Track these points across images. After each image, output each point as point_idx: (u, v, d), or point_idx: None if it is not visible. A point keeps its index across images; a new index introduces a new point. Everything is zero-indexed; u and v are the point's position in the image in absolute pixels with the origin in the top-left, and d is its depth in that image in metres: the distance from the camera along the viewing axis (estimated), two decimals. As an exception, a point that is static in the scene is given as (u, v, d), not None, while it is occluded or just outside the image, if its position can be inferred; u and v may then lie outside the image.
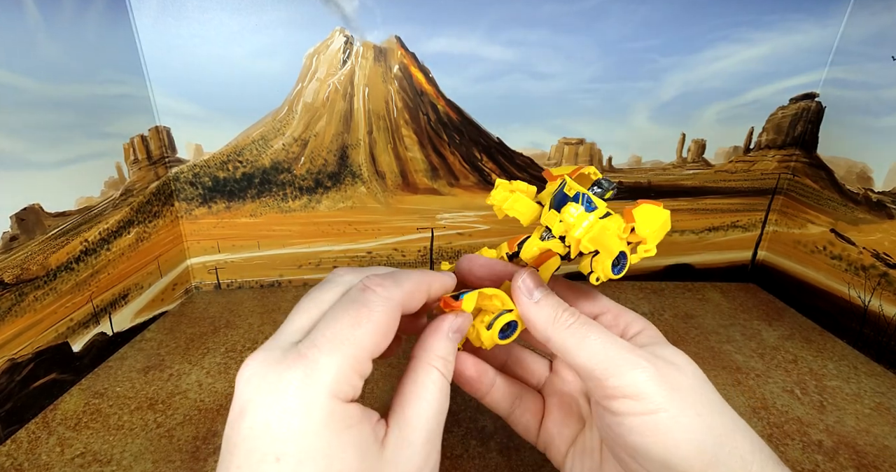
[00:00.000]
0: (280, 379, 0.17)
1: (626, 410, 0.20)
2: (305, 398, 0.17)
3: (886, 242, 0.45)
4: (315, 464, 0.16)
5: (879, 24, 0.46)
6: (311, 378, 0.17)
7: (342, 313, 0.19)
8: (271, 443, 0.16)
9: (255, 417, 0.17)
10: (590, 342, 0.21)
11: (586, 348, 0.21)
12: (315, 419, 0.17)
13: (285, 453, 0.16)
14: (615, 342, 0.21)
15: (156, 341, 0.48)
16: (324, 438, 0.16)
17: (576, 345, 0.21)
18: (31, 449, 0.35)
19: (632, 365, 0.20)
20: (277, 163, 0.53)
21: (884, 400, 0.41)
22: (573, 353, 0.21)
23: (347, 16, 0.48)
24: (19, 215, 0.36)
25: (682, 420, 0.19)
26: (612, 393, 0.20)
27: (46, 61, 0.38)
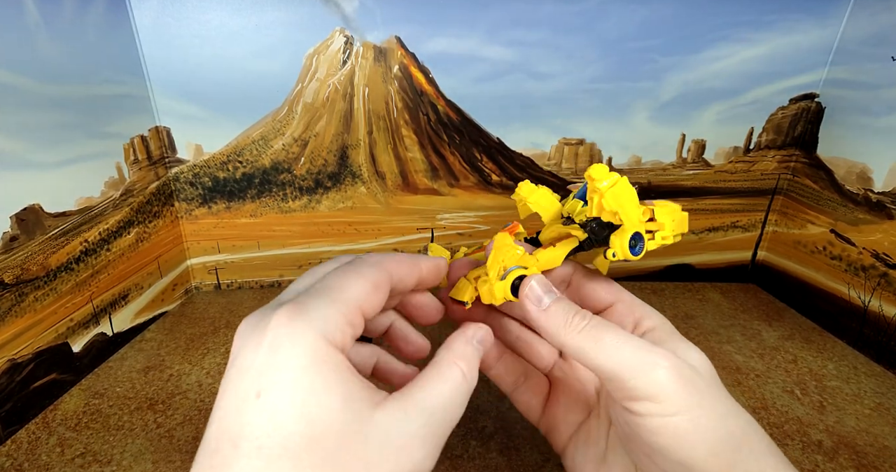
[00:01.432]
0: (268, 321, 0.17)
1: (646, 411, 0.20)
2: (291, 335, 0.16)
3: (886, 242, 0.45)
4: (294, 398, 0.16)
5: (879, 25, 0.46)
6: (299, 317, 0.17)
7: (333, 275, 0.20)
8: (254, 378, 0.16)
9: (241, 359, 0.17)
10: (605, 345, 0.20)
11: (603, 351, 0.20)
12: (299, 355, 0.16)
13: (265, 388, 0.16)
14: (632, 342, 0.21)
15: (156, 341, 0.48)
16: (307, 374, 0.16)
17: (592, 348, 0.21)
18: (32, 449, 0.35)
19: (651, 366, 0.20)
20: (277, 163, 0.53)
21: (884, 400, 0.41)
22: (590, 356, 0.21)
23: (347, 16, 0.48)
24: (19, 215, 0.36)
25: (702, 422, 0.19)
26: (633, 395, 0.20)
27: (46, 61, 0.38)
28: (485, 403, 0.39)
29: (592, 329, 0.21)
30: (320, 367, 0.16)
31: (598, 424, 0.25)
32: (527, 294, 0.23)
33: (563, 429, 0.26)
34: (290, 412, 0.16)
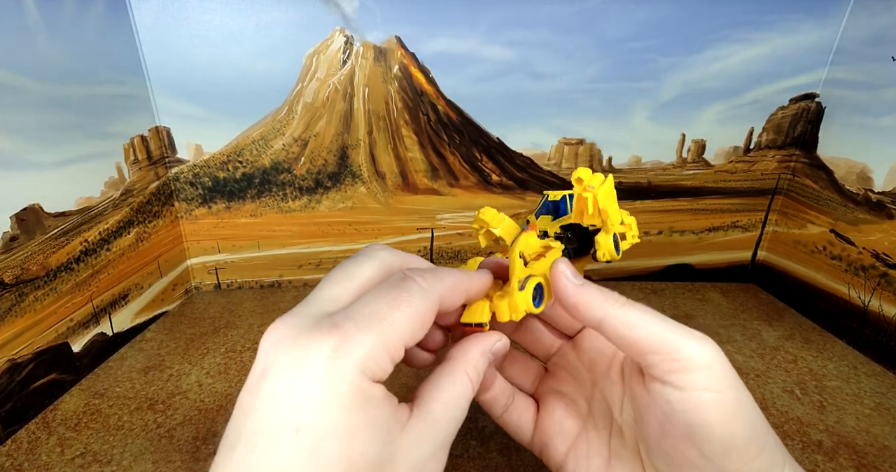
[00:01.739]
0: (310, 346, 0.16)
1: (696, 383, 0.19)
2: (334, 370, 0.16)
3: (886, 242, 0.45)
4: (336, 441, 0.15)
5: (879, 25, 0.46)
6: (343, 351, 0.16)
7: (383, 295, 0.18)
8: (292, 412, 0.15)
9: (277, 381, 0.16)
10: (648, 317, 0.20)
11: (648, 324, 0.20)
12: (341, 394, 0.16)
13: (306, 424, 0.15)
14: (671, 321, 0.20)
15: (156, 341, 0.48)
16: (348, 414, 0.16)
17: (636, 319, 0.20)
18: (32, 449, 0.35)
19: (697, 339, 0.19)
20: (277, 163, 0.53)
21: (884, 400, 0.41)
22: (635, 328, 0.20)
23: (347, 16, 0.48)
24: (19, 215, 0.36)
25: (745, 403, 0.19)
26: (683, 366, 0.19)
27: (46, 61, 0.38)
28: (485, 403, 0.39)
29: (633, 305, 0.21)
30: (361, 404, 0.16)
31: (597, 434, 0.25)
32: (562, 271, 0.22)
33: (557, 443, 0.25)
34: (330, 454, 0.15)
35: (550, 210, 0.28)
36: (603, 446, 0.24)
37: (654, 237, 0.59)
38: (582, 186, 0.24)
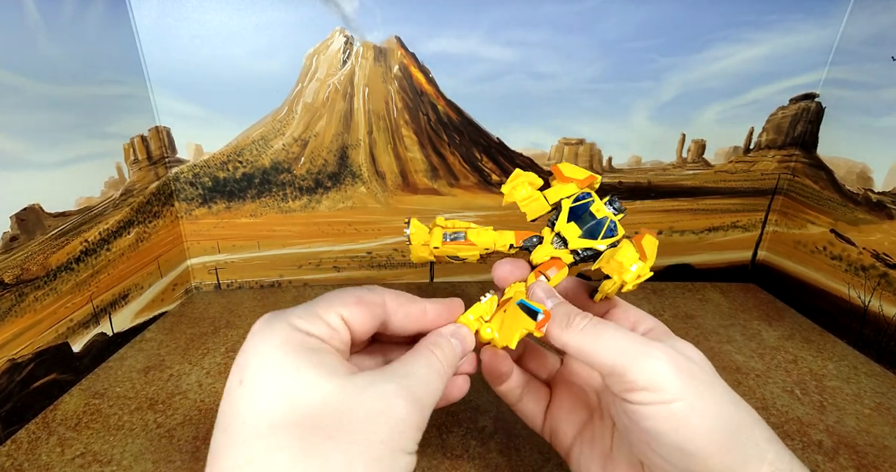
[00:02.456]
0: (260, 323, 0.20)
1: (644, 400, 0.20)
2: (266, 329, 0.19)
3: (886, 242, 0.45)
4: (270, 380, 0.17)
5: (879, 25, 0.46)
6: (274, 317, 0.20)
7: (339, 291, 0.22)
8: (237, 371, 0.18)
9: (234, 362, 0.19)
10: (605, 341, 0.21)
11: (602, 347, 0.21)
12: (273, 343, 0.18)
13: (245, 376, 0.18)
14: (628, 337, 0.22)
15: (156, 341, 0.48)
16: (280, 358, 0.18)
17: (591, 345, 0.22)
18: (32, 449, 0.35)
19: (648, 357, 0.21)
20: (277, 163, 0.53)
21: (884, 400, 0.41)
22: (590, 354, 0.22)
23: (347, 16, 0.48)
24: (19, 215, 0.36)
25: (698, 407, 0.20)
26: (632, 386, 0.20)
27: (46, 61, 0.38)
28: (485, 403, 0.39)
29: (592, 328, 0.22)
30: (292, 350, 0.18)
31: (601, 424, 0.26)
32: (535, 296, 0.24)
33: (565, 430, 0.27)
34: (268, 392, 0.17)
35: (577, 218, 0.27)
36: (606, 435, 0.26)
37: (654, 237, 0.59)
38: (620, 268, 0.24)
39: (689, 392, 0.20)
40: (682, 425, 0.20)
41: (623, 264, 0.24)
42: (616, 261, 0.24)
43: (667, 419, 0.20)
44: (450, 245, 0.27)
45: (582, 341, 0.22)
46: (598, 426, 0.26)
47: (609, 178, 0.56)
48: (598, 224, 0.26)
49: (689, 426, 0.20)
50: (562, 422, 0.28)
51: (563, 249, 0.27)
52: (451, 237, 0.27)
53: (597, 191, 0.28)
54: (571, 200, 0.27)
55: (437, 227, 0.28)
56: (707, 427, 0.20)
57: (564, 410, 0.28)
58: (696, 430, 0.20)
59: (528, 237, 0.28)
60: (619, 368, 0.21)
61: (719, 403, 0.20)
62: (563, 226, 0.27)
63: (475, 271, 0.60)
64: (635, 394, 0.20)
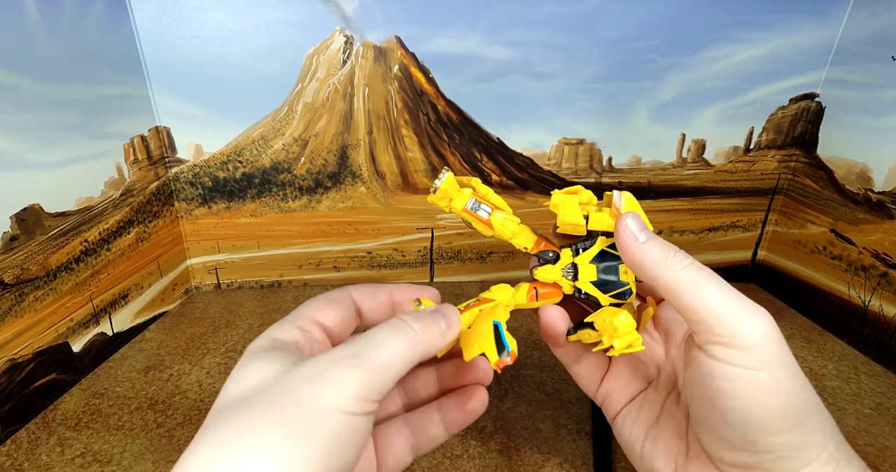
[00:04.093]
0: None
1: (731, 359, 0.19)
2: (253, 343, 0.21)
3: (886, 242, 0.45)
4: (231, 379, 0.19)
5: (879, 25, 0.46)
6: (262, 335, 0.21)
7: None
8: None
9: None
10: (707, 287, 0.20)
11: (704, 292, 0.20)
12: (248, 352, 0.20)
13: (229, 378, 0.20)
14: (733, 292, 0.21)
15: (156, 341, 0.48)
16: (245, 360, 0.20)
17: (689, 286, 0.20)
18: (32, 449, 0.35)
19: (752, 316, 0.20)
20: (277, 163, 0.53)
21: (884, 400, 0.41)
22: (686, 294, 0.21)
23: (347, 16, 0.48)
24: (19, 215, 0.36)
25: (782, 383, 0.19)
26: (724, 341, 0.20)
27: (46, 61, 0.38)
28: (485, 403, 0.39)
29: (696, 270, 0.21)
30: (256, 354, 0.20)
31: (655, 393, 0.26)
32: (623, 229, 0.23)
33: (620, 398, 0.27)
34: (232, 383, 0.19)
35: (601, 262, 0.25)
36: (657, 404, 0.26)
37: (654, 237, 0.59)
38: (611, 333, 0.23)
39: (778, 364, 0.19)
40: (761, 394, 0.19)
41: (618, 329, 0.23)
42: (611, 323, 0.23)
43: (748, 385, 0.19)
44: (468, 214, 0.25)
45: (680, 278, 0.21)
46: (650, 394, 0.26)
47: (609, 178, 0.56)
48: (616, 284, 0.25)
49: (767, 398, 0.19)
50: (617, 391, 0.28)
51: (568, 279, 0.26)
52: (474, 207, 0.25)
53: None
54: (609, 242, 0.25)
55: (468, 187, 0.25)
56: (784, 404, 0.19)
57: (623, 380, 0.28)
58: (773, 405, 0.19)
59: (545, 250, 0.26)
60: (717, 320, 0.20)
61: (802, 383, 0.20)
62: (585, 263, 0.25)
63: (475, 271, 0.60)
64: (724, 350, 0.20)
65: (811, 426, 0.20)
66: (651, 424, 0.26)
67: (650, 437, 0.25)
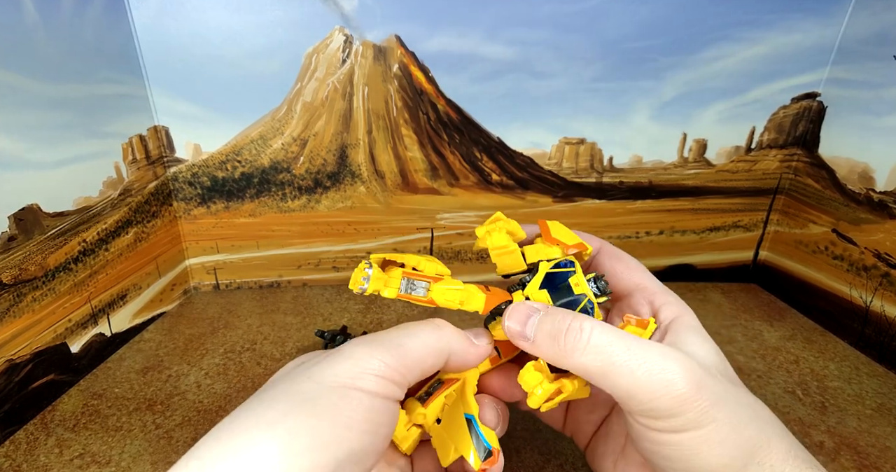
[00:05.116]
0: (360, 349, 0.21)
1: (654, 425, 0.19)
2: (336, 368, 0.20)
3: (888, 242, 0.45)
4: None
5: (881, 23, 0.46)
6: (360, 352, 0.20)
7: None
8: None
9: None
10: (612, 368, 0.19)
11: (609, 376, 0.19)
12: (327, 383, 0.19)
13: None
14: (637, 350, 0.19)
15: (154, 341, 0.48)
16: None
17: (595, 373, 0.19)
18: (30, 450, 0.35)
19: (661, 384, 0.18)
20: (276, 163, 0.53)
21: (885, 401, 0.41)
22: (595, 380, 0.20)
23: (347, 15, 0.48)
24: (17, 215, 0.36)
25: (714, 437, 0.19)
26: (642, 412, 0.19)
27: (45, 61, 0.37)
28: (485, 403, 0.39)
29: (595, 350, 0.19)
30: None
31: (618, 420, 0.26)
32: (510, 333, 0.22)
33: (586, 429, 0.27)
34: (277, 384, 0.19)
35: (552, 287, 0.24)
36: (621, 433, 0.25)
37: (655, 237, 0.59)
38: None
39: (708, 419, 0.18)
40: (693, 454, 0.19)
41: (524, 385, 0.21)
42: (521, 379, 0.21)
43: (679, 446, 0.19)
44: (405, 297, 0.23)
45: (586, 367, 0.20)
46: (615, 422, 0.26)
47: (610, 177, 0.56)
48: (573, 302, 0.23)
49: (700, 455, 0.19)
50: (583, 422, 0.27)
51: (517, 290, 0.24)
52: (408, 289, 0.23)
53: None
54: (551, 264, 0.23)
55: (397, 269, 0.23)
56: (721, 456, 0.19)
57: (583, 410, 0.27)
58: (708, 460, 0.19)
59: (497, 305, 0.24)
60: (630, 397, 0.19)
61: (738, 427, 0.19)
62: (535, 292, 0.23)
63: (475, 271, 0.60)
64: (647, 420, 0.19)
65: (758, 461, 0.19)
66: (617, 455, 0.25)
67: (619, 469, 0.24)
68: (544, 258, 0.24)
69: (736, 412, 0.19)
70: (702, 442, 0.19)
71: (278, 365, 0.44)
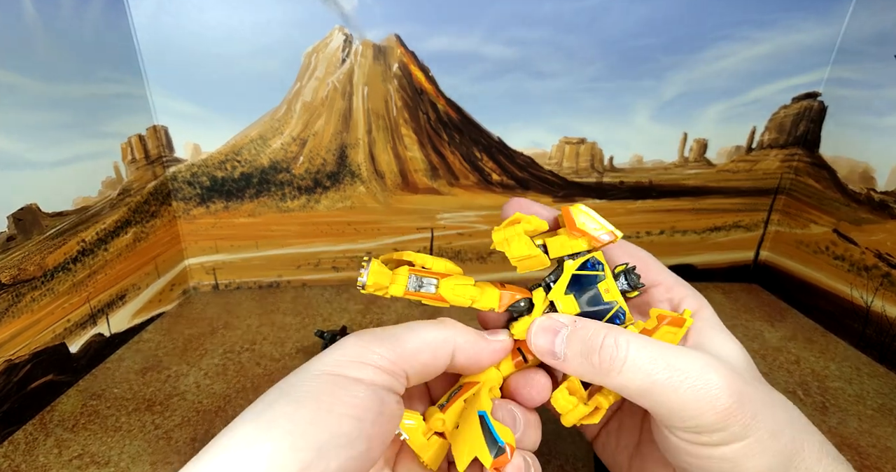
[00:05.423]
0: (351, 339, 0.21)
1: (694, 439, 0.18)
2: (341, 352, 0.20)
3: (889, 242, 0.45)
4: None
5: (882, 23, 0.46)
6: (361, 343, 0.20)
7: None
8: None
9: None
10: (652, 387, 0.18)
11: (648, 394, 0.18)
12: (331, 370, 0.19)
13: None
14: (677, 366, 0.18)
15: (153, 342, 0.48)
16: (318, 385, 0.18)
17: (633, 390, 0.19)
18: (29, 451, 0.35)
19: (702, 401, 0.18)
20: (276, 162, 0.53)
21: (886, 401, 0.40)
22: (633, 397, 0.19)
23: (347, 14, 0.48)
24: (16, 215, 0.36)
25: (755, 448, 0.18)
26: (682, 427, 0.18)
27: (44, 60, 0.37)
28: (485, 404, 0.39)
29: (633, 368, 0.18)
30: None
31: (631, 413, 0.25)
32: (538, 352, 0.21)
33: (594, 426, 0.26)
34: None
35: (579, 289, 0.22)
36: (635, 428, 0.24)
37: (655, 237, 0.58)
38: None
39: (749, 431, 0.18)
40: (735, 466, 0.18)
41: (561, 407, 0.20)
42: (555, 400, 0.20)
43: (719, 460, 0.18)
44: (413, 295, 0.21)
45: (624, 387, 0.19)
46: (627, 416, 0.25)
47: (610, 177, 0.56)
48: (603, 311, 0.21)
49: (741, 466, 0.18)
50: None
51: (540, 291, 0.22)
52: (416, 286, 0.21)
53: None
54: (577, 264, 0.21)
55: (403, 266, 0.22)
56: (761, 465, 0.18)
57: None
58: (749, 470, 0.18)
59: (515, 301, 0.22)
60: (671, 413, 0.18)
61: (776, 433, 0.18)
62: (560, 296, 0.21)
63: (476, 271, 0.60)
64: (686, 434, 0.18)
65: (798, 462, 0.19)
66: (632, 452, 0.24)
67: (634, 467, 0.23)
68: (568, 253, 0.22)
69: (774, 418, 0.19)
70: (744, 454, 0.18)
71: (278, 365, 0.44)
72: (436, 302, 0.21)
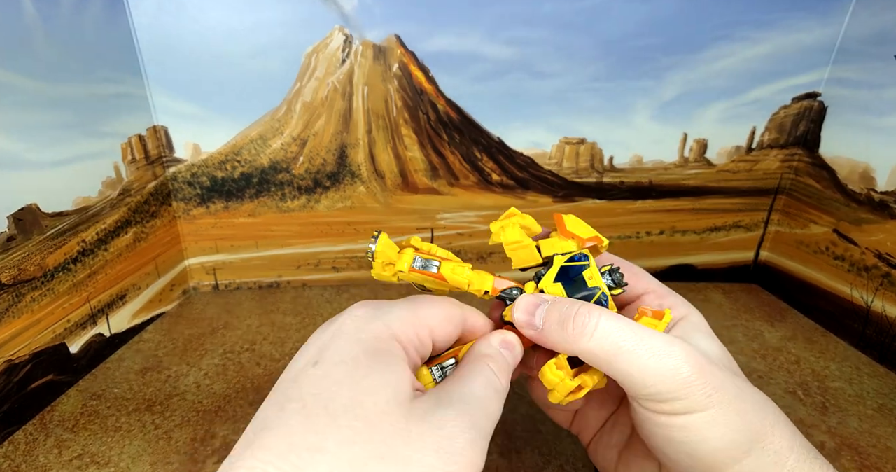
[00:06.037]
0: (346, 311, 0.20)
1: (659, 409, 0.19)
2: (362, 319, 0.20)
3: (889, 242, 0.45)
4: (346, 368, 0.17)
5: (882, 23, 0.46)
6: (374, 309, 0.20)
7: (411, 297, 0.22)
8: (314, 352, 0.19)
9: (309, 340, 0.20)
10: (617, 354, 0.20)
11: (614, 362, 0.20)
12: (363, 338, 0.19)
13: (323, 359, 0.18)
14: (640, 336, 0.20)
15: (153, 342, 0.48)
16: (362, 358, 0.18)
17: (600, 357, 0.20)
18: (29, 451, 0.35)
19: (665, 368, 0.19)
20: (276, 162, 0.53)
21: (886, 402, 0.40)
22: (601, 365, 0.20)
23: (346, 14, 0.48)
24: (16, 215, 0.36)
25: (718, 420, 0.19)
26: (646, 396, 0.20)
27: (44, 60, 0.37)
28: (485, 404, 0.39)
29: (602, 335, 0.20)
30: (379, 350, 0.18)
31: (625, 411, 0.26)
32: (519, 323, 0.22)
33: (594, 425, 0.27)
34: (339, 379, 0.17)
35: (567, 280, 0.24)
36: (627, 424, 0.25)
37: (655, 237, 0.58)
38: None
39: (710, 402, 0.19)
40: (697, 436, 0.19)
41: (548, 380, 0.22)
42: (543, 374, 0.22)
43: (682, 429, 0.19)
44: (417, 273, 0.23)
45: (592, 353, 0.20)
46: (621, 415, 0.26)
47: (610, 177, 0.56)
48: (587, 296, 0.23)
49: (704, 438, 0.19)
50: (590, 419, 0.27)
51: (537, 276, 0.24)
52: (421, 265, 0.23)
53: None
54: (566, 258, 0.24)
55: (409, 247, 0.24)
56: (725, 439, 0.19)
57: (593, 407, 0.27)
58: (712, 443, 0.19)
59: (507, 288, 0.24)
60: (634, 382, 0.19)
61: (742, 412, 0.19)
62: (549, 285, 0.23)
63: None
64: (651, 403, 0.19)
65: (762, 447, 0.19)
66: (622, 447, 0.25)
67: (623, 461, 0.25)
68: (559, 252, 0.24)
69: (740, 397, 0.20)
70: (705, 425, 0.19)
71: (278, 366, 0.44)
72: (436, 283, 0.24)
